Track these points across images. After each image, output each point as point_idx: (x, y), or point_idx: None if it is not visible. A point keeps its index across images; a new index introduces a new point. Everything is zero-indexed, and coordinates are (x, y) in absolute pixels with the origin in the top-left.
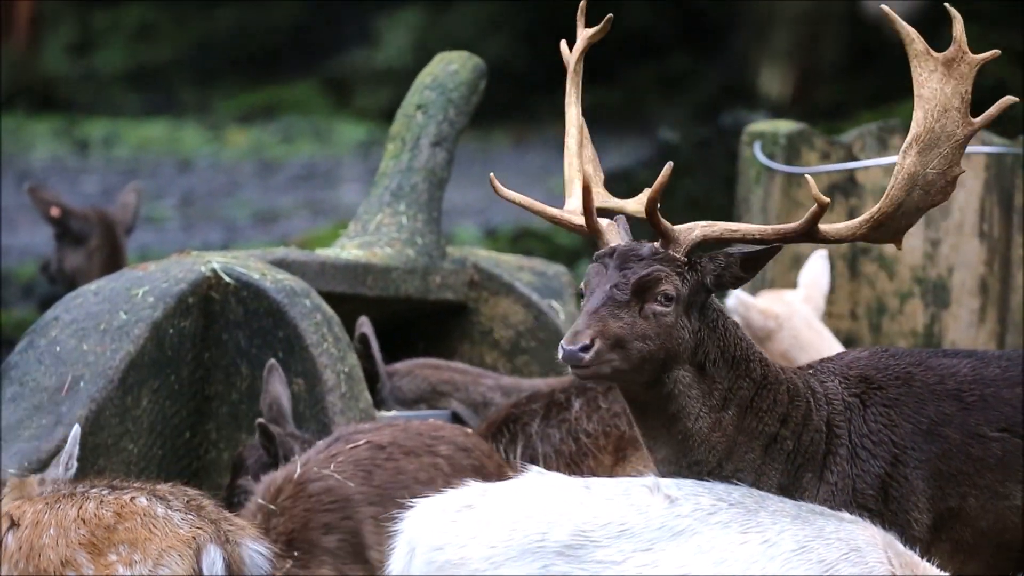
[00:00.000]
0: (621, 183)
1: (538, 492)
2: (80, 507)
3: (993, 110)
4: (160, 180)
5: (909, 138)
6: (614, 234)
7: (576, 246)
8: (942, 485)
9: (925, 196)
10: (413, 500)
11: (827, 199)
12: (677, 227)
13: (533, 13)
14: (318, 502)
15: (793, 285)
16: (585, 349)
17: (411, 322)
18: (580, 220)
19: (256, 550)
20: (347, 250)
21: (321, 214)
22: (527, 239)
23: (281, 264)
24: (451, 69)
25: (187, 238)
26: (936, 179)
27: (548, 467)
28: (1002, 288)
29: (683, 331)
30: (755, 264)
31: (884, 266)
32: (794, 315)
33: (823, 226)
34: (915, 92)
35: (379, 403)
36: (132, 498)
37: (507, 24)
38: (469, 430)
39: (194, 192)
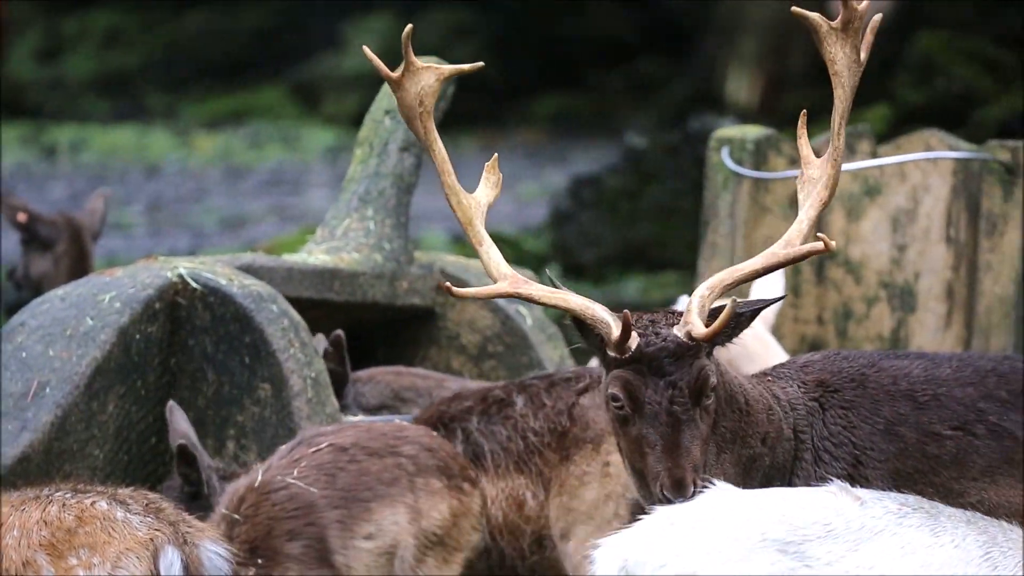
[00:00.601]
0: (589, 189)
1: (731, 502)
2: (44, 510)
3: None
4: (128, 186)
5: (838, 117)
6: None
7: (543, 252)
8: (899, 484)
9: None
10: (377, 500)
11: (833, 244)
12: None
13: (501, 20)
14: (281, 509)
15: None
16: (694, 492)
17: (378, 327)
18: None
19: (215, 551)
20: (314, 255)
21: (289, 219)
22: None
23: (248, 270)
24: None
25: (154, 244)
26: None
27: (496, 464)
28: (968, 293)
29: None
30: (748, 322)
31: (851, 271)
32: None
33: None
34: (830, 70)
35: (344, 408)
36: (93, 502)
37: (475, 31)
38: (432, 431)
39: (162, 198)
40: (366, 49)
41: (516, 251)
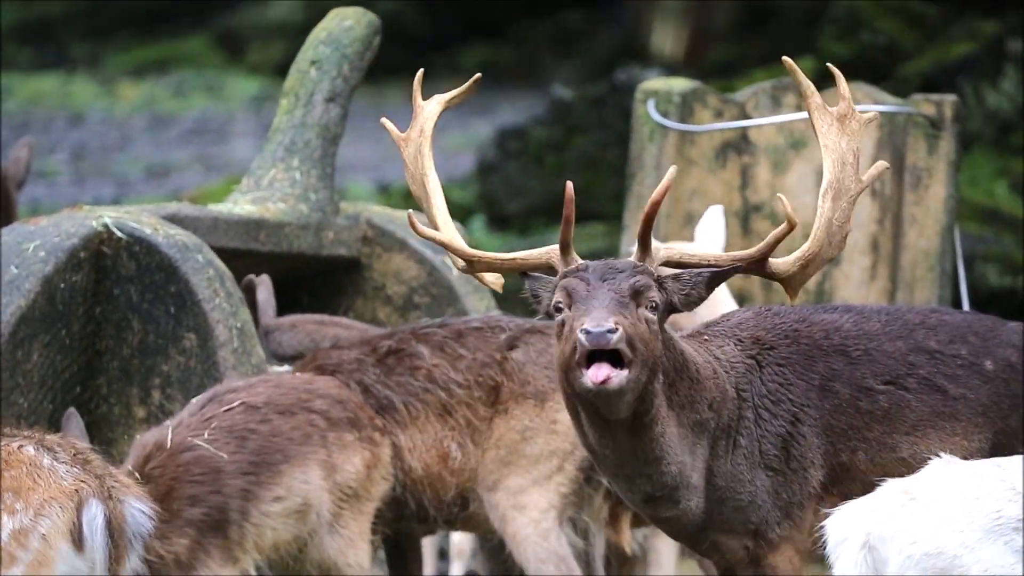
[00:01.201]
0: (515, 140)
1: (960, 475)
2: None
3: (873, 171)
4: (51, 134)
5: (824, 183)
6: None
7: (469, 203)
8: (834, 440)
9: (829, 247)
10: (288, 461)
11: (796, 221)
12: (654, 243)
13: None
14: (186, 472)
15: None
16: (612, 332)
17: (304, 278)
18: (506, 256)
19: (139, 508)
20: (240, 205)
21: (214, 169)
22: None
23: (173, 219)
24: (345, 25)
25: (79, 192)
26: (836, 232)
27: (413, 417)
28: (893, 246)
29: (659, 343)
30: (714, 286)
31: (777, 224)
32: None
33: (772, 259)
34: (821, 142)
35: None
36: (20, 447)
37: None
38: (341, 382)
39: (86, 146)
40: (385, 121)
41: None
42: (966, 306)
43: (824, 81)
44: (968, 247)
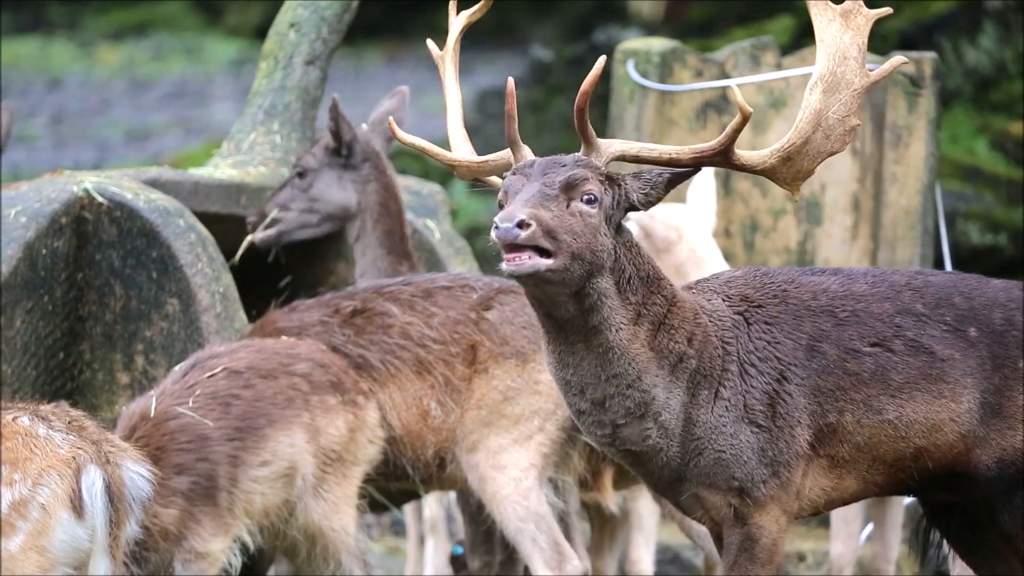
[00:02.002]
0: (494, 102)
1: None
2: None
3: (886, 66)
4: (30, 99)
5: (814, 77)
6: (529, 151)
7: None
8: (821, 401)
9: (825, 141)
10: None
11: (750, 109)
12: (600, 139)
13: None
14: (171, 440)
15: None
16: (521, 226)
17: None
18: (481, 159)
19: (137, 471)
20: (221, 169)
21: (194, 133)
22: (401, 158)
23: (154, 184)
24: None
25: (59, 157)
26: (836, 125)
27: (392, 374)
28: (874, 205)
29: (606, 239)
30: (673, 185)
31: (757, 184)
32: (694, 228)
33: (738, 151)
34: (816, 36)
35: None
36: (15, 418)
37: None
38: (323, 345)
39: (65, 111)
40: (429, 42)
41: (422, 164)
42: (948, 264)
43: (804, 39)
44: (949, 205)
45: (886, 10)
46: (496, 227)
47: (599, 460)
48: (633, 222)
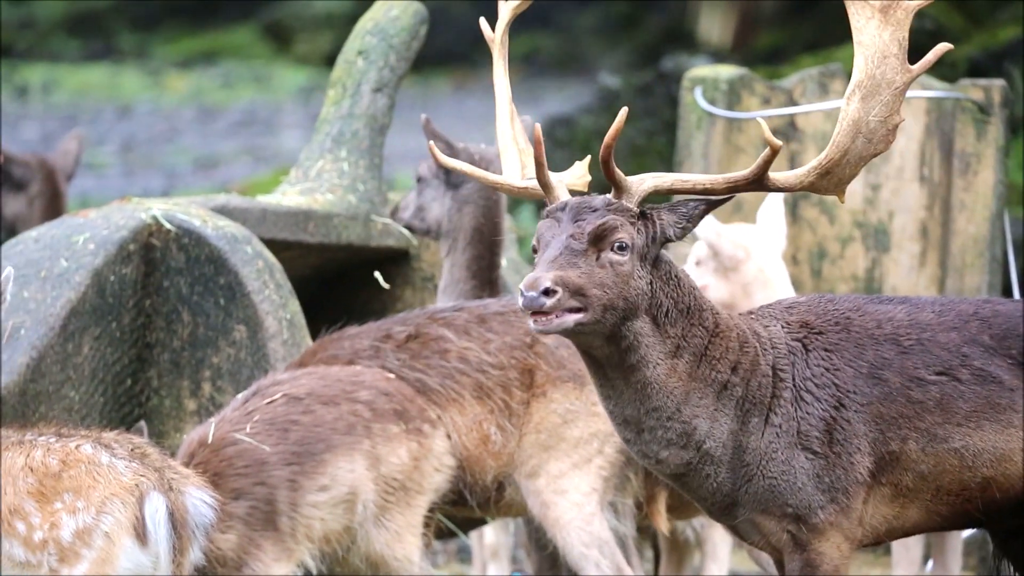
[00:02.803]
0: (563, 129)
1: None
2: (28, 455)
3: (930, 56)
4: (100, 126)
5: (852, 84)
6: (563, 191)
7: None
8: (883, 428)
9: (868, 144)
10: (331, 450)
11: (779, 143)
12: (629, 178)
13: None
14: (229, 466)
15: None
16: (547, 294)
17: (353, 269)
18: (522, 184)
19: (200, 498)
20: (288, 196)
21: (262, 160)
22: None
23: (222, 211)
24: (392, 15)
25: (127, 185)
26: (878, 127)
27: (452, 398)
28: (942, 232)
29: (640, 281)
30: (709, 211)
31: (825, 211)
32: (763, 248)
33: (772, 174)
34: (854, 39)
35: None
36: (78, 446)
37: None
38: (391, 374)
39: (134, 138)
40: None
41: None
42: (1016, 292)
43: None
44: (1017, 232)
45: (920, 2)
46: (522, 295)
47: (654, 483)
48: (701, 240)
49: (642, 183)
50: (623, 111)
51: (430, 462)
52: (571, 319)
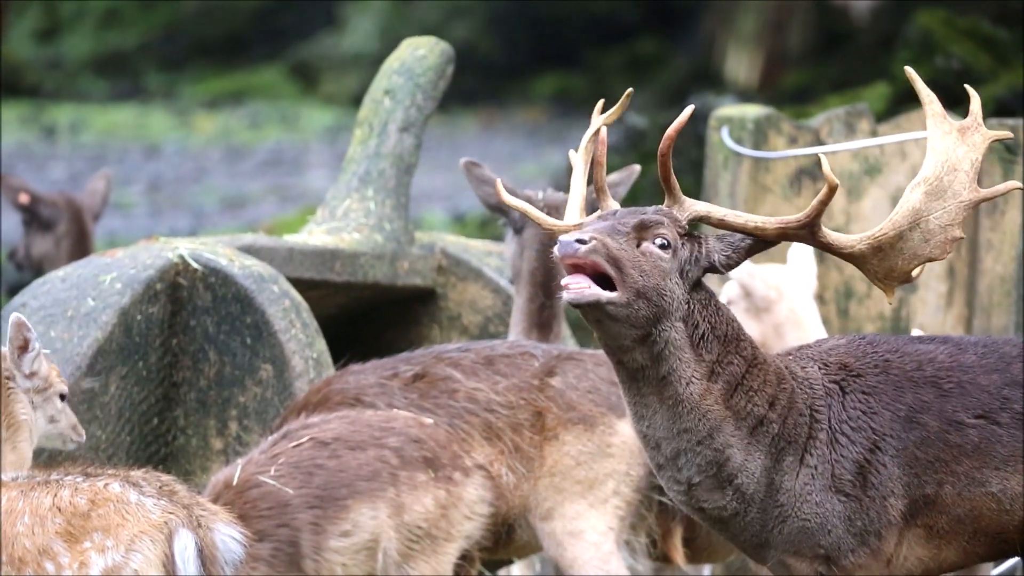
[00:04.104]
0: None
1: None
2: (55, 495)
3: (1001, 188)
4: (127, 166)
5: (919, 177)
6: (615, 202)
7: None
8: (919, 472)
9: (924, 244)
10: (354, 496)
11: (836, 181)
12: (684, 196)
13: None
14: (252, 508)
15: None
16: (581, 241)
17: (379, 308)
18: (578, 222)
19: (228, 534)
20: (315, 236)
21: (289, 200)
22: (496, 224)
23: (249, 250)
24: (418, 54)
25: (154, 224)
26: (937, 231)
27: (462, 438)
28: (969, 272)
29: (677, 288)
30: (753, 254)
31: None
32: (794, 289)
33: (826, 230)
34: (928, 143)
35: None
36: (106, 484)
37: (474, 10)
38: (427, 420)
39: (161, 178)
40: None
41: None
42: None
43: (899, 106)
44: None
45: (1006, 134)
46: (560, 242)
47: (669, 519)
48: (733, 280)
49: (695, 204)
50: (689, 107)
51: (460, 510)
52: (604, 294)
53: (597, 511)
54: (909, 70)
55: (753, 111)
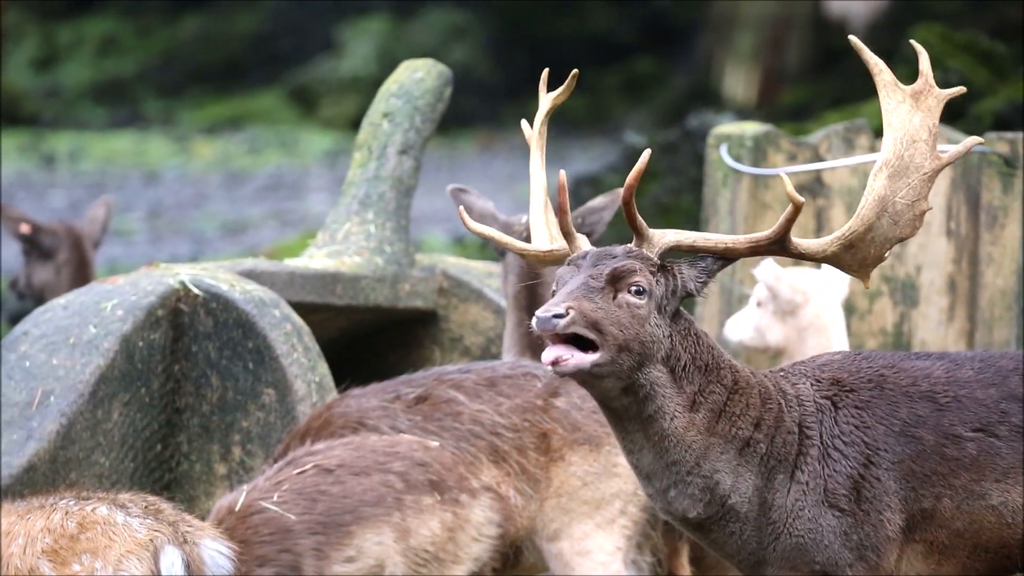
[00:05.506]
0: (588, 188)
1: None
2: (47, 518)
3: (960, 148)
4: (127, 193)
5: (879, 162)
6: (585, 243)
7: None
8: (915, 486)
9: (894, 226)
10: (358, 522)
11: (801, 199)
12: (652, 230)
13: (497, 21)
14: (255, 534)
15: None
16: (559, 316)
17: (381, 331)
18: (547, 248)
19: (216, 549)
20: (316, 260)
21: (289, 224)
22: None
23: (250, 275)
24: (417, 77)
25: (155, 251)
26: (904, 210)
27: (468, 461)
28: (971, 286)
29: (657, 329)
30: (725, 266)
31: None
32: (821, 294)
33: (796, 239)
34: (884, 120)
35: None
36: (94, 508)
37: (472, 32)
38: (433, 443)
39: (161, 204)
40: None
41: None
42: None
43: None
44: None
45: (959, 89)
46: (536, 318)
47: (676, 538)
48: (760, 283)
49: (664, 236)
50: (646, 153)
51: (467, 532)
52: (587, 359)
53: (604, 531)
54: (854, 39)
55: (752, 128)
